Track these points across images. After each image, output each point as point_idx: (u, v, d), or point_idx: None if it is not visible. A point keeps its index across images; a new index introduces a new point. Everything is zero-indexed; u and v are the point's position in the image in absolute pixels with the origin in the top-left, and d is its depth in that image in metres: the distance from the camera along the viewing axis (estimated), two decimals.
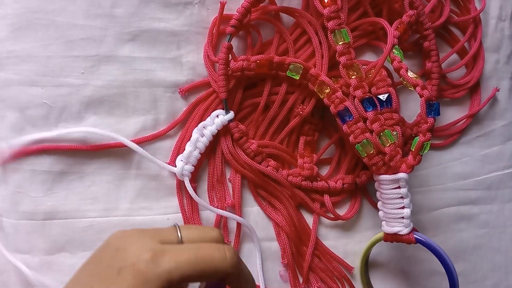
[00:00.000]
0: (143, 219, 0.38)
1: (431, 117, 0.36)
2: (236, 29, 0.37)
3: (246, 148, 0.39)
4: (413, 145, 0.37)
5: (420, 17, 0.41)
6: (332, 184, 0.40)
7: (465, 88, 0.45)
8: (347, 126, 0.36)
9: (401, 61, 0.37)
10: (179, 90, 0.38)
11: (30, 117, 0.36)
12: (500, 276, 0.46)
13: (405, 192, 0.37)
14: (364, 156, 0.36)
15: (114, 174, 0.37)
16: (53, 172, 0.36)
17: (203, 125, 0.37)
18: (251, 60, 0.37)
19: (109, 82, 0.37)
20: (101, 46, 0.37)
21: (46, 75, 0.36)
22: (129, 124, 0.38)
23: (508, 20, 0.47)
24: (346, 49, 0.37)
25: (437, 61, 0.42)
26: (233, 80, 0.38)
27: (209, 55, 0.38)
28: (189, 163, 0.37)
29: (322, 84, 0.38)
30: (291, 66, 0.38)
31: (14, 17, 0.36)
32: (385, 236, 0.38)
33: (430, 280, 0.43)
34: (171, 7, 0.38)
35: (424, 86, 0.37)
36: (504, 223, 0.46)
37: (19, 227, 0.36)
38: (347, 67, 0.37)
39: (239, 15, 0.37)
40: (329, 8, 0.36)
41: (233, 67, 0.37)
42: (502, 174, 0.46)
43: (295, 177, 0.39)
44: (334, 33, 0.37)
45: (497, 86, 0.46)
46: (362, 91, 0.36)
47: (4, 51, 0.36)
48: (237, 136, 0.38)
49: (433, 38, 0.42)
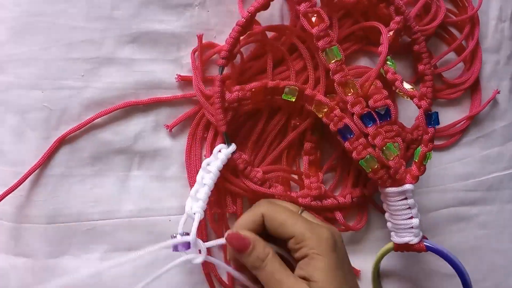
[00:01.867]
0: (146, 221, 0.38)
1: (431, 127, 0.36)
2: (227, 60, 0.37)
3: (253, 177, 0.38)
4: (416, 156, 0.37)
5: (407, 21, 0.40)
6: (341, 199, 0.40)
7: (461, 89, 0.45)
8: (349, 143, 0.36)
9: (395, 73, 0.37)
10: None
11: (31, 121, 0.36)
12: (499, 277, 0.46)
13: (412, 202, 0.36)
14: (369, 171, 0.36)
15: (115, 176, 0.37)
16: (54, 176, 0.36)
17: (207, 162, 0.36)
18: (246, 89, 0.37)
19: (109, 84, 0.37)
20: (101, 48, 0.37)
21: (46, 78, 0.36)
22: (129, 126, 0.38)
23: (508, 21, 0.47)
24: (339, 66, 0.36)
25: (429, 63, 0.42)
26: (231, 111, 0.37)
27: (202, 90, 0.37)
28: (199, 200, 0.35)
29: (319, 104, 0.38)
30: (286, 89, 0.37)
31: (14, 20, 0.35)
32: (395, 247, 0.38)
33: (448, 268, 0.43)
34: (171, 9, 0.38)
35: (422, 96, 0.37)
36: (503, 224, 0.46)
37: (22, 231, 0.36)
38: (342, 85, 0.36)
39: (228, 46, 0.36)
40: (317, 28, 0.35)
41: (229, 99, 0.37)
42: (502, 175, 0.46)
43: (304, 198, 0.39)
44: (325, 52, 0.36)
45: (497, 87, 0.46)
46: (360, 107, 0.36)
47: (4, 54, 0.36)
48: (242, 167, 0.38)
49: (422, 41, 0.41)
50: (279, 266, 0.32)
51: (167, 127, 0.38)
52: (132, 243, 0.37)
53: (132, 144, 0.38)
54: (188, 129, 0.39)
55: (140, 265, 0.37)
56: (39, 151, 0.36)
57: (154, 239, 0.37)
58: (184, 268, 0.38)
